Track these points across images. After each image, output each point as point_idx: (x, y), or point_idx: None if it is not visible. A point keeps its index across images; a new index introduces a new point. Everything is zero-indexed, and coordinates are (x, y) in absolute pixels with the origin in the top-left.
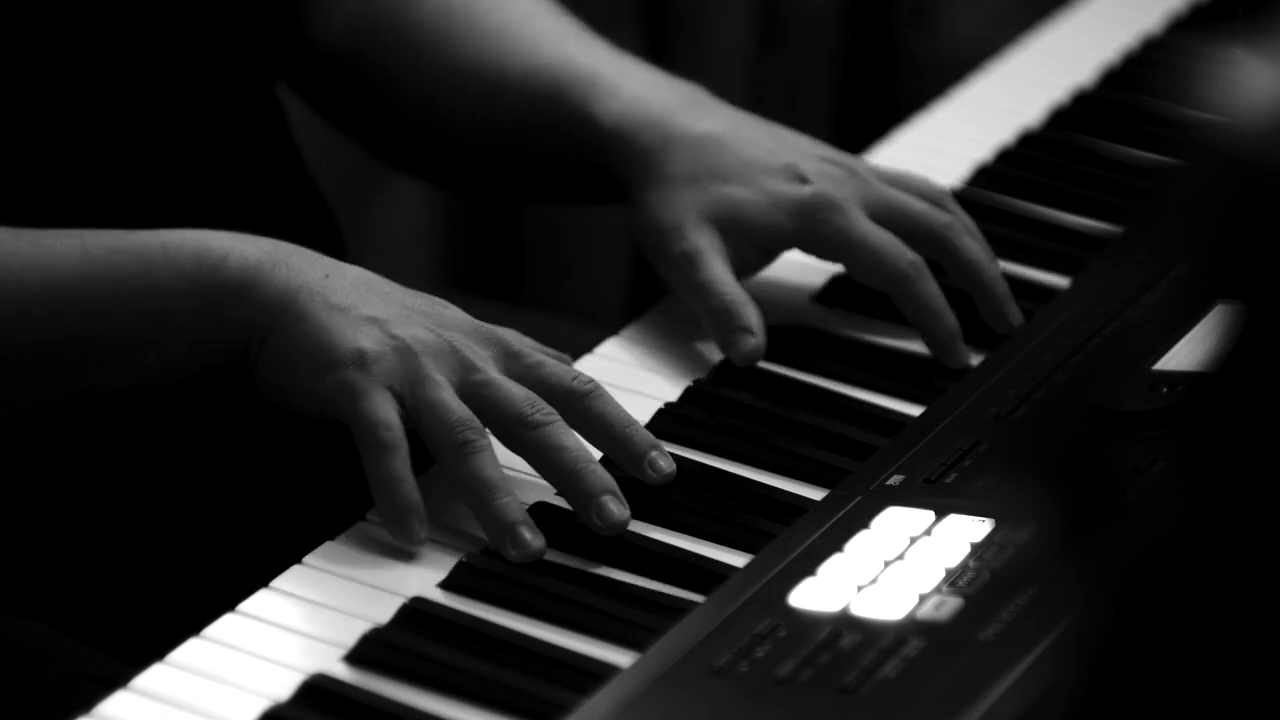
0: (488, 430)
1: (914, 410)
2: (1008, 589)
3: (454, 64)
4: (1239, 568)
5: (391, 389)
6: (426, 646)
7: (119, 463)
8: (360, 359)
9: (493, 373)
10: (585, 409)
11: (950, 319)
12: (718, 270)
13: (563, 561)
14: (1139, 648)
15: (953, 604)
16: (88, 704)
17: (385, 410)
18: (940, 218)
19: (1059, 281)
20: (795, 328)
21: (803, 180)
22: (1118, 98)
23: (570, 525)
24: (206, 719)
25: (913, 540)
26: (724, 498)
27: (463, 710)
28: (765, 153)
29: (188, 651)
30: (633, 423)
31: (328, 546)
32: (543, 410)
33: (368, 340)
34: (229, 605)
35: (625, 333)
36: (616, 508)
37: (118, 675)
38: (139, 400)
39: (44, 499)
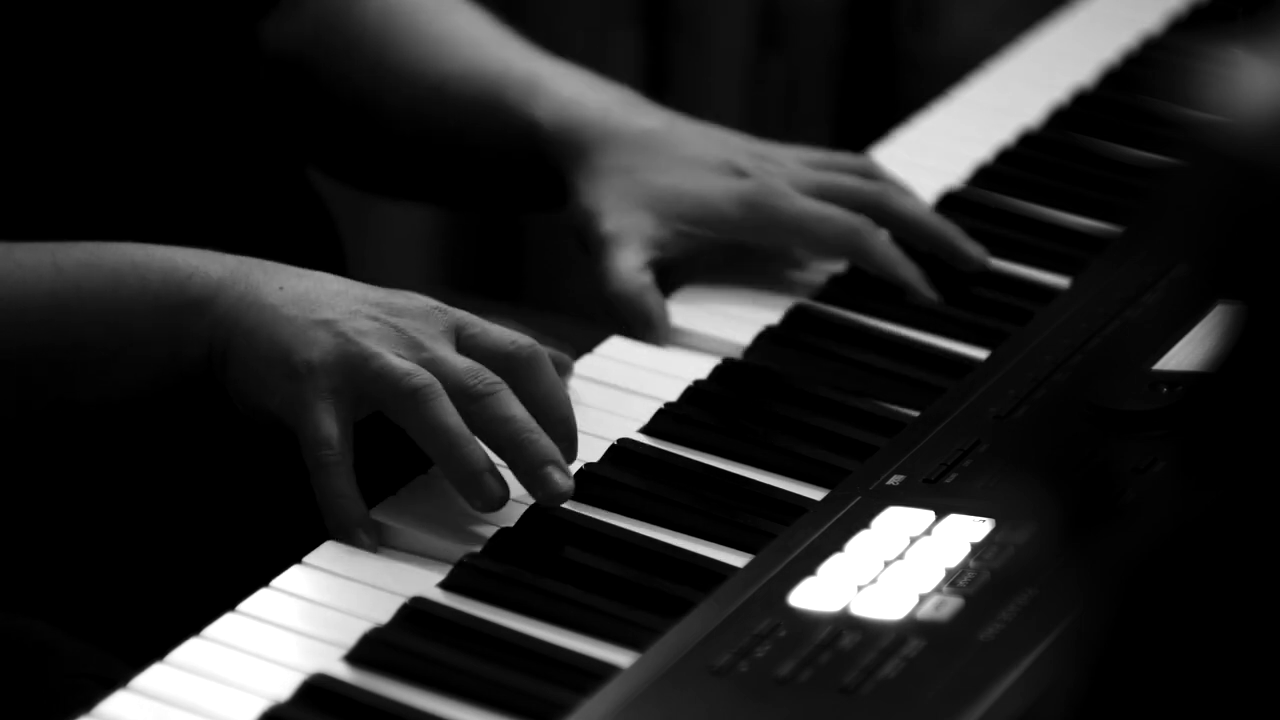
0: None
1: (914, 410)
2: (1008, 589)
3: (396, 67)
4: (1239, 568)
5: (336, 394)
6: (426, 646)
7: (119, 463)
8: (307, 369)
9: (440, 349)
10: (525, 375)
11: (909, 266)
12: (626, 257)
13: (563, 561)
14: (1139, 648)
15: (953, 604)
16: (90, 703)
17: (326, 427)
18: (871, 186)
19: (1059, 281)
20: (795, 327)
21: (740, 173)
22: (1118, 98)
23: (570, 525)
24: (206, 719)
25: (913, 540)
26: (724, 498)
27: (463, 710)
28: (701, 149)
29: (188, 651)
30: (564, 401)
31: (328, 546)
32: (485, 380)
33: (315, 348)
34: (229, 605)
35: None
36: (560, 478)
37: (120, 675)
38: (115, 412)
39: (45, 500)
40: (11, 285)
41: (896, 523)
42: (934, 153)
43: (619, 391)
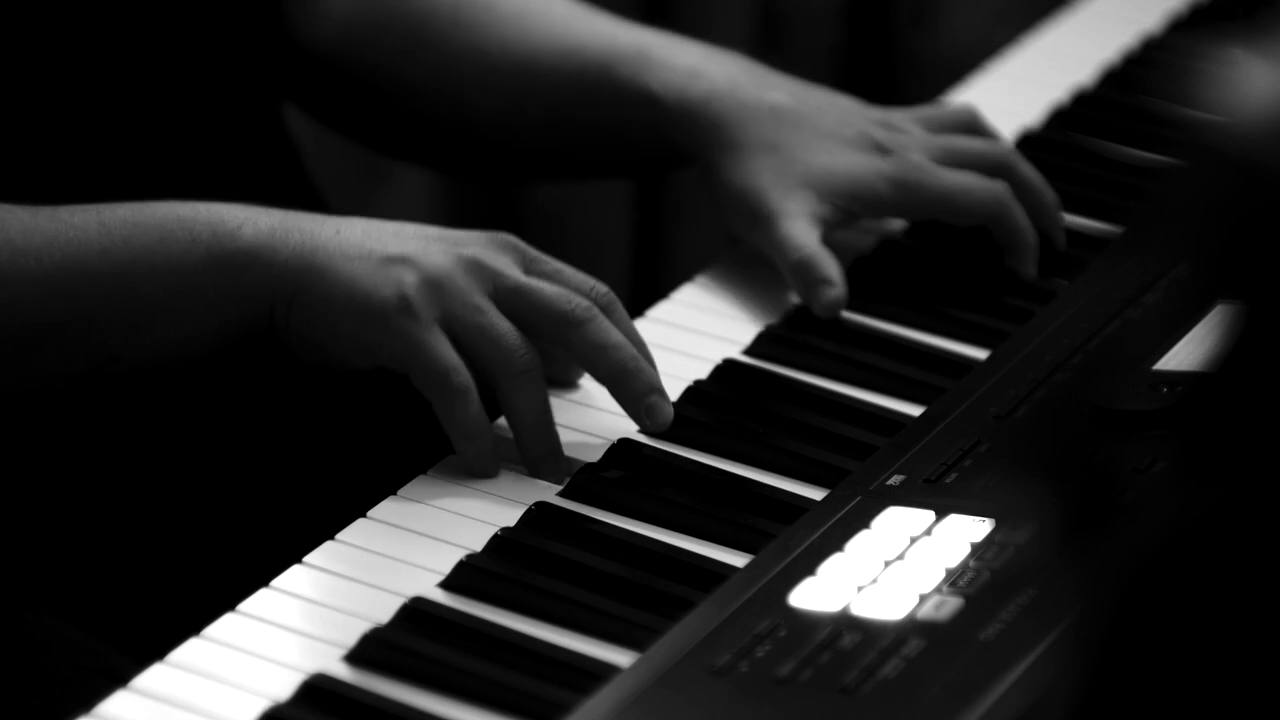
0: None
1: (914, 410)
2: (1008, 589)
3: (477, 48)
4: (1239, 568)
5: (439, 322)
6: (426, 646)
7: (121, 462)
8: (405, 305)
9: (520, 277)
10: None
11: (1035, 237)
12: (800, 227)
13: (563, 561)
14: (1139, 648)
15: (953, 604)
16: (96, 698)
17: (447, 353)
18: (998, 149)
19: (1059, 281)
20: (795, 327)
21: (881, 148)
22: (1118, 98)
23: (570, 525)
24: (206, 719)
25: (913, 540)
26: (724, 498)
27: (463, 710)
28: (837, 123)
29: (188, 651)
30: (641, 351)
31: (328, 546)
32: (582, 306)
33: (402, 283)
34: (229, 605)
35: None
36: (664, 405)
37: (125, 670)
38: (160, 373)
39: (49, 497)
40: (63, 244)
41: (896, 523)
42: None
43: None
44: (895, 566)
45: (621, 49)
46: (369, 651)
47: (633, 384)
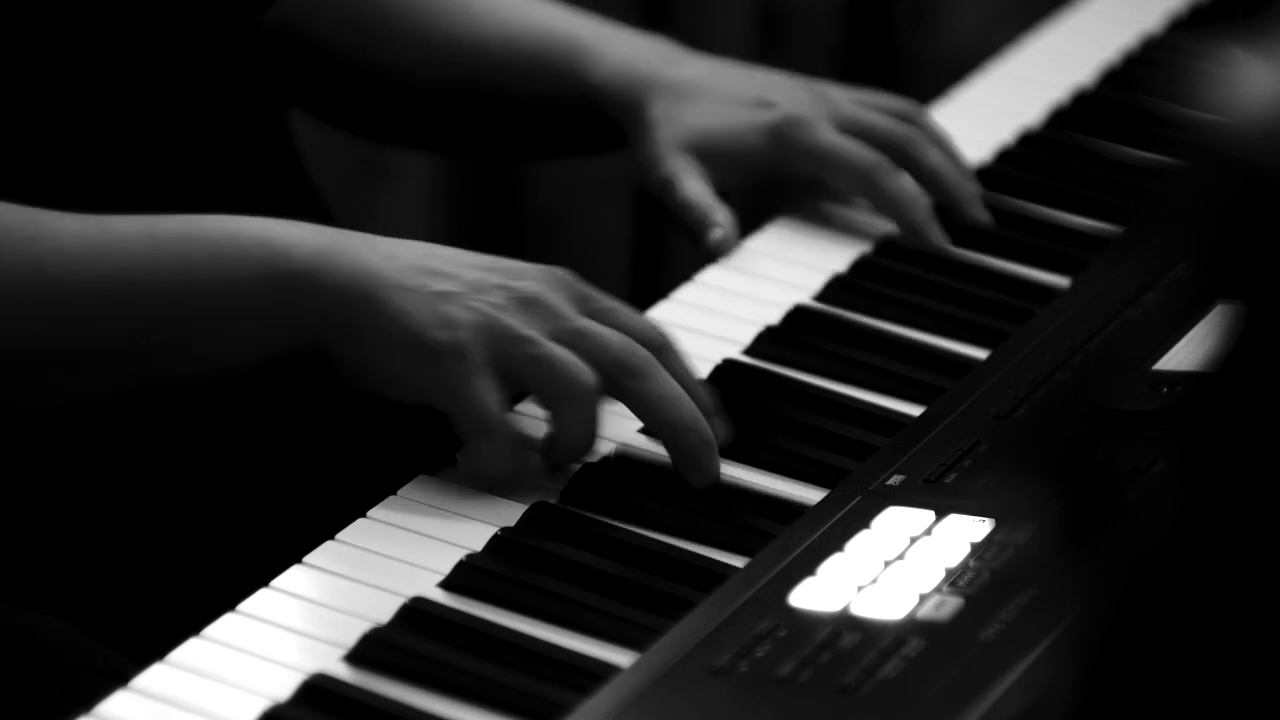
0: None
1: (914, 410)
2: (1008, 589)
3: (424, 36)
4: (1239, 568)
5: (489, 366)
6: (426, 646)
7: (121, 462)
8: (456, 348)
9: (579, 320)
10: (664, 361)
11: (922, 208)
12: (692, 186)
13: (563, 561)
14: (1139, 648)
15: (953, 604)
16: (96, 698)
17: (490, 398)
18: (901, 129)
19: (1059, 281)
20: (795, 327)
21: (771, 106)
22: (1118, 98)
23: (570, 525)
24: (206, 719)
25: (913, 540)
26: (724, 498)
27: (463, 710)
28: (737, 88)
29: (188, 651)
30: (701, 381)
31: (328, 546)
32: (643, 356)
33: (455, 323)
34: (229, 605)
35: None
36: (715, 462)
37: (127, 671)
38: (209, 387)
39: (48, 497)
40: (113, 255)
41: (896, 523)
42: None
43: None
44: (895, 566)
45: (557, 41)
46: (369, 651)
47: (689, 440)
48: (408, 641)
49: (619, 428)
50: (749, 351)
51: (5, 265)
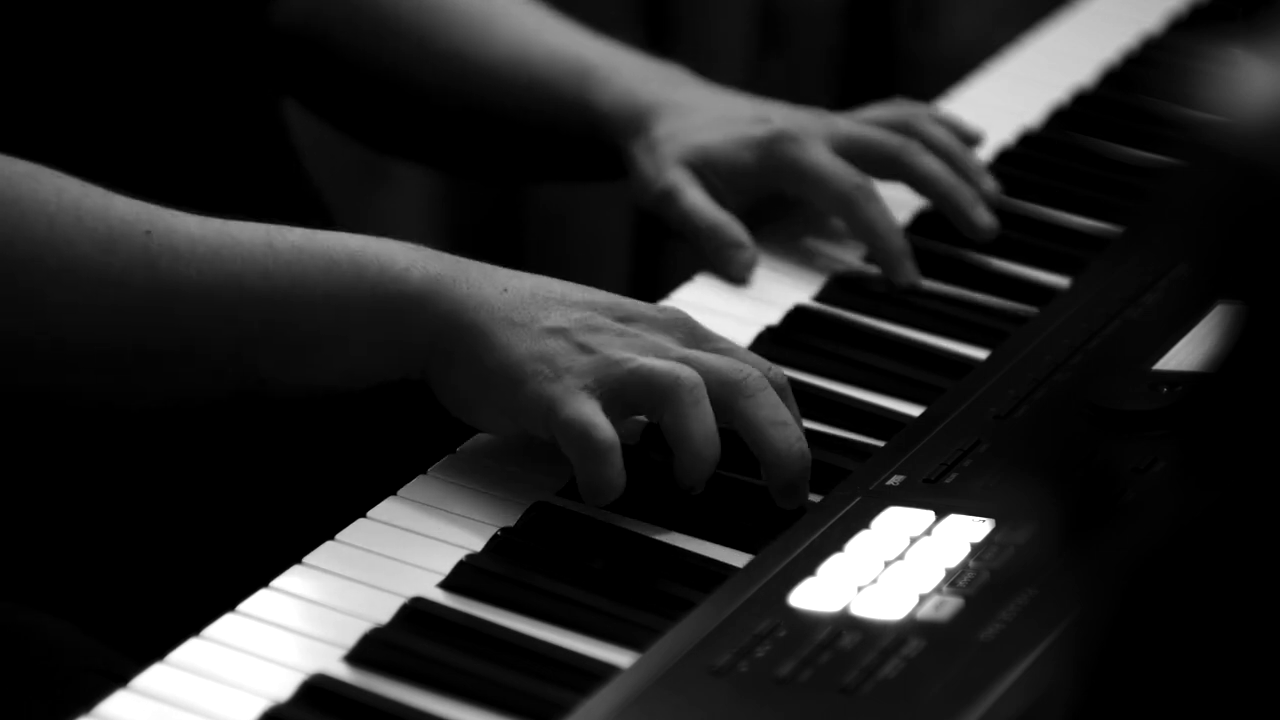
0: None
1: (914, 410)
2: (1008, 589)
3: (436, 50)
4: (1239, 568)
5: (589, 390)
6: (426, 646)
7: (121, 462)
8: (552, 370)
9: (686, 350)
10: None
11: (897, 240)
12: (695, 197)
13: (563, 561)
14: (1139, 648)
15: (953, 604)
16: (96, 698)
17: (589, 409)
18: (893, 140)
19: (1059, 281)
20: (795, 327)
21: (767, 123)
22: (1118, 98)
23: (570, 525)
24: (206, 719)
25: (913, 540)
26: (724, 498)
27: (463, 710)
28: (736, 109)
29: (188, 651)
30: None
31: (328, 546)
32: (754, 376)
33: (558, 355)
34: (229, 605)
35: None
36: (806, 494)
37: (125, 670)
38: (308, 400)
39: (49, 497)
40: (227, 259)
41: (896, 523)
42: None
43: None
44: (895, 566)
45: (566, 66)
46: (369, 651)
47: (793, 463)
48: (407, 641)
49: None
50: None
51: (120, 258)
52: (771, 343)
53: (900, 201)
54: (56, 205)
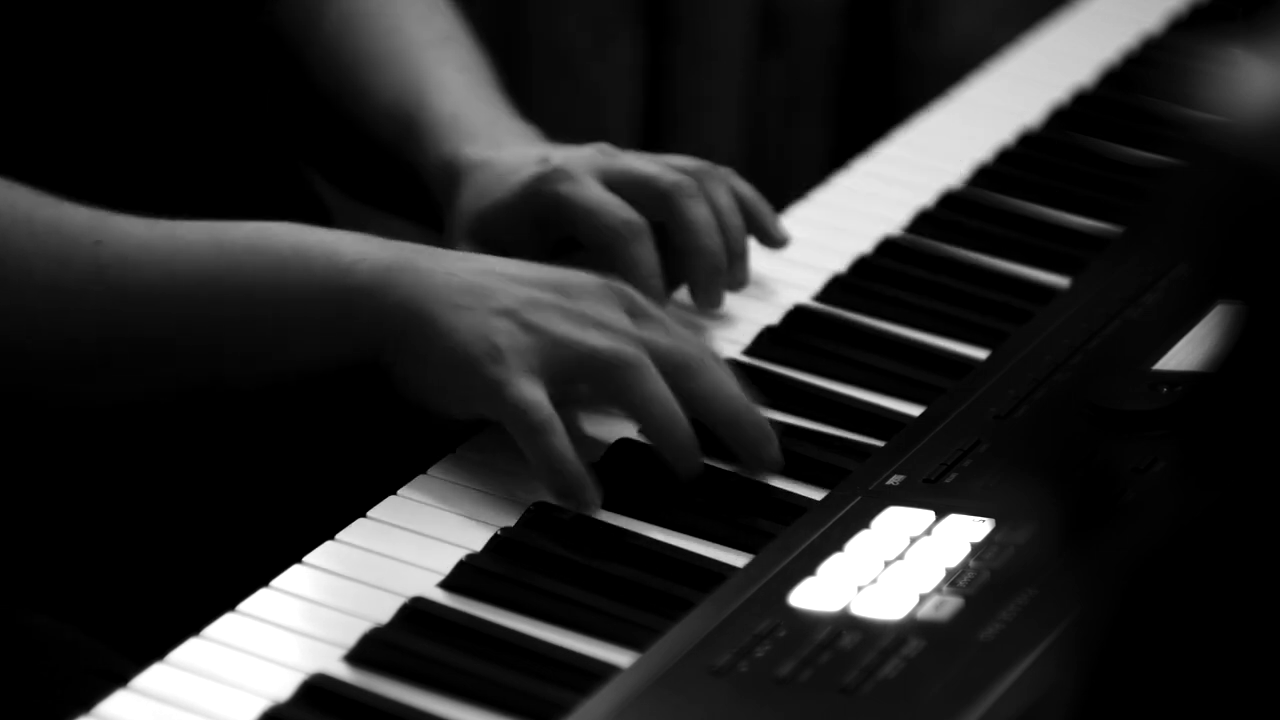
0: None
1: (914, 410)
2: (1008, 589)
3: (345, 59)
4: (1239, 568)
5: (533, 372)
6: (426, 646)
7: (121, 462)
8: (495, 354)
9: (630, 327)
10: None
11: (657, 283)
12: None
13: (563, 561)
14: (1139, 648)
15: (953, 604)
16: (96, 698)
17: (531, 392)
18: (667, 177)
19: (1059, 281)
20: (795, 327)
21: (543, 164)
22: (1118, 98)
23: (570, 525)
24: (206, 719)
25: (913, 540)
26: (724, 498)
27: (463, 710)
28: (524, 156)
29: (188, 651)
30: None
31: (328, 546)
32: (695, 355)
33: (500, 335)
34: (229, 605)
35: None
36: (777, 453)
37: (125, 670)
38: (264, 392)
39: (48, 497)
40: (178, 264)
41: (896, 523)
42: (934, 153)
43: None
44: (895, 566)
45: (416, 118)
46: (369, 651)
47: (750, 431)
48: (408, 641)
49: (619, 428)
50: (749, 351)
51: (72, 270)
52: (771, 343)
53: (900, 201)
54: (10, 219)
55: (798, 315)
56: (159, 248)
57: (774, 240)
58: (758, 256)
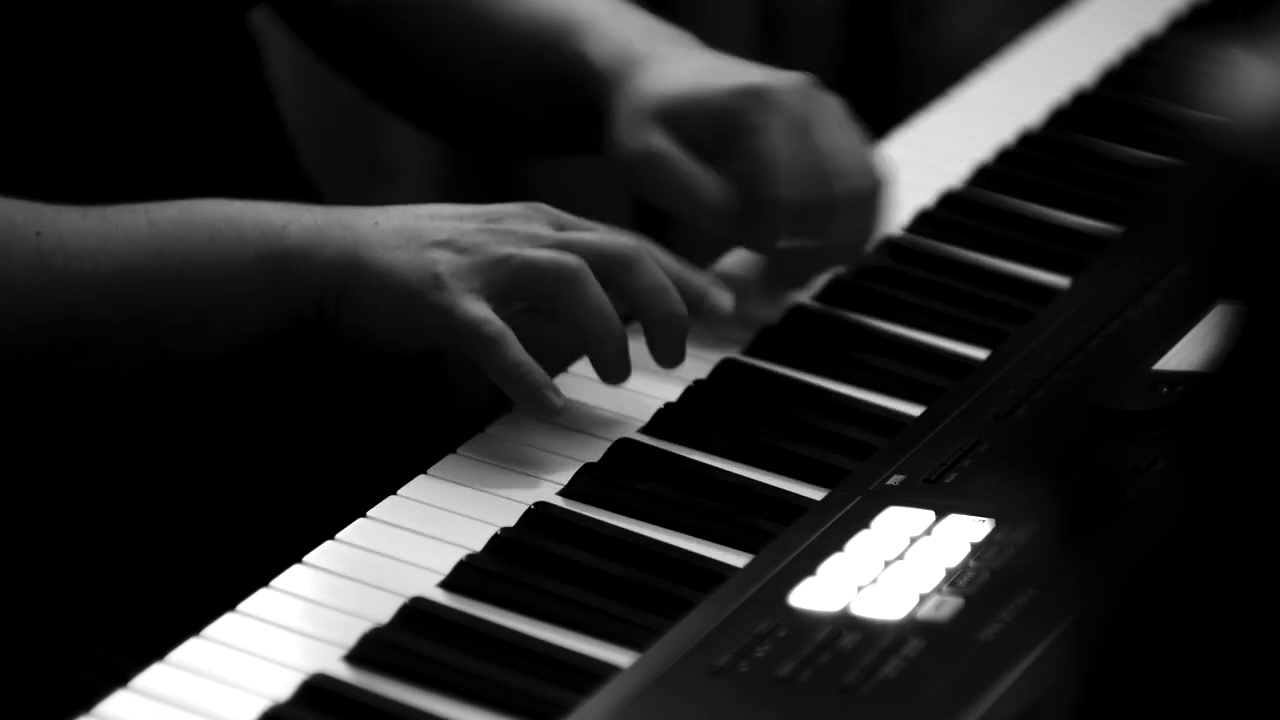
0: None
1: (914, 410)
2: (1008, 589)
3: (467, 18)
4: (1239, 568)
5: (475, 292)
6: (426, 646)
7: (121, 462)
8: (436, 281)
9: (559, 234)
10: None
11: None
12: (678, 164)
13: (563, 561)
14: (1139, 648)
15: (953, 604)
16: (96, 698)
17: (477, 308)
18: (615, 243)
19: (1059, 281)
20: (795, 327)
21: (753, 86)
22: (1118, 98)
23: (570, 525)
24: (206, 719)
25: (913, 540)
26: (724, 498)
27: (463, 710)
28: (729, 66)
29: (188, 651)
30: (687, 268)
31: (328, 546)
32: (626, 246)
33: (438, 265)
34: (229, 605)
35: (627, 331)
36: (683, 350)
37: (125, 670)
38: (215, 364)
39: (49, 497)
40: (115, 246)
41: (896, 523)
42: (934, 152)
43: (619, 391)
44: (895, 566)
45: (573, 20)
46: (369, 651)
47: (673, 329)
48: (408, 641)
49: (619, 428)
50: (749, 351)
51: (15, 262)
52: (771, 342)
53: (900, 201)
54: None
55: (797, 315)
56: (96, 231)
57: None
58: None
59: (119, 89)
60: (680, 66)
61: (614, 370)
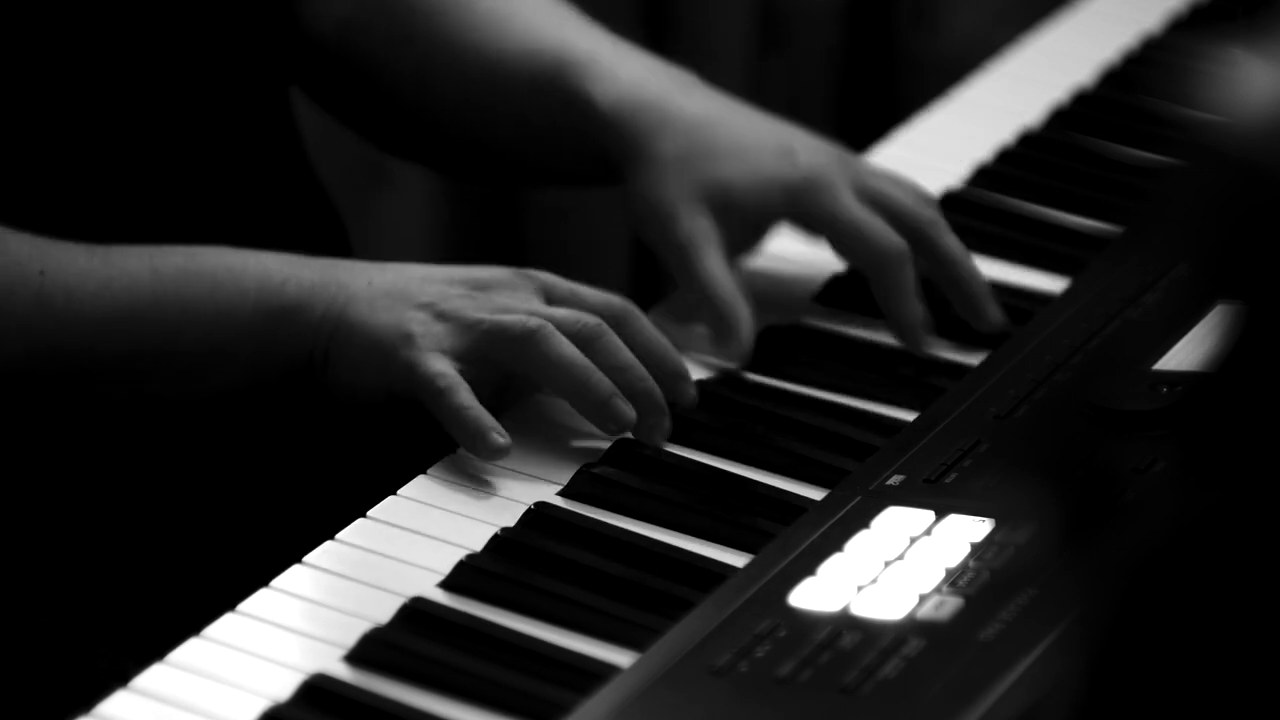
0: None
1: (914, 411)
2: (1008, 589)
3: (450, 48)
4: (1239, 568)
5: (441, 350)
6: (426, 646)
7: (121, 462)
8: (408, 340)
9: (536, 304)
10: (624, 330)
11: (919, 306)
12: (713, 263)
13: (563, 561)
14: (1139, 648)
15: (953, 604)
16: (96, 698)
17: (437, 363)
18: (925, 212)
19: (1059, 281)
20: (795, 329)
21: (794, 160)
22: (1118, 98)
23: (570, 525)
24: (206, 719)
25: (913, 540)
26: (724, 498)
27: (463, 710)
28: (756, 135)
29: (188, 651)
30: (667, 346)
31: (328, 546)
32: (590, 323)
33: (413, 325)
34: (229, 605)
35: None
36: (668, 426)
37: (125, 670)
38: (199, 408)
39: (49, 498)
40: (117, 291)
41: (896, 523)
42: (934, 153)
43: None
44: (895, 566)
45: (574, 56)
46: (369, 651)
47: (642, 402)
48: (408, 641)
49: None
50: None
51: (18, 300)
52: (768, 347)
53: None
54: None
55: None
56: (99, 273)
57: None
58: (758, 256)
59: (136, 92)
60: (712, 138)
61: (605, 420)
